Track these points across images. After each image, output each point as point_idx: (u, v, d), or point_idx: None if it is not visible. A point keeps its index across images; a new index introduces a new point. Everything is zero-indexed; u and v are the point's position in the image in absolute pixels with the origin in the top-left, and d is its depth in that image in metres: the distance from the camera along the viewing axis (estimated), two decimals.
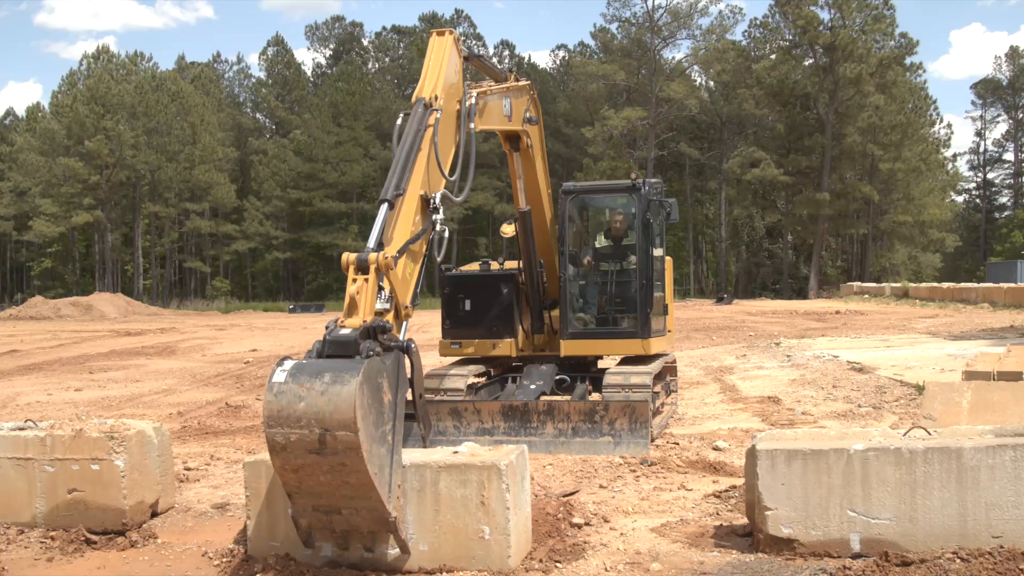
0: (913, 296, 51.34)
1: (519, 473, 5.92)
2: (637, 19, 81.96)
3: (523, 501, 5.99)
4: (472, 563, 5.68)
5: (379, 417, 5.50)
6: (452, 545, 5.70)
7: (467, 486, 5.71)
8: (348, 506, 5.51)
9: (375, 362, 5.51)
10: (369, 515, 5.54)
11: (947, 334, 24.41)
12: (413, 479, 5.77)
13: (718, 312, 44.85)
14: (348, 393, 5.17)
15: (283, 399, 5.27)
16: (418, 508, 5.75)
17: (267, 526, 6.01)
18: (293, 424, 5.23)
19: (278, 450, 5.32)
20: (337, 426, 5.15)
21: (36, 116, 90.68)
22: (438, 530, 5.72)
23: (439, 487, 5.75)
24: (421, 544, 5.72)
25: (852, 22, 73.38)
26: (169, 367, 21.50)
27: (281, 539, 5.93)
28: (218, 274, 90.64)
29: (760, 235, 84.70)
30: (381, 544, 5.72)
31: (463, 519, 5.69)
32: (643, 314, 10.95)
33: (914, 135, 76.51)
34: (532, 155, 11.07)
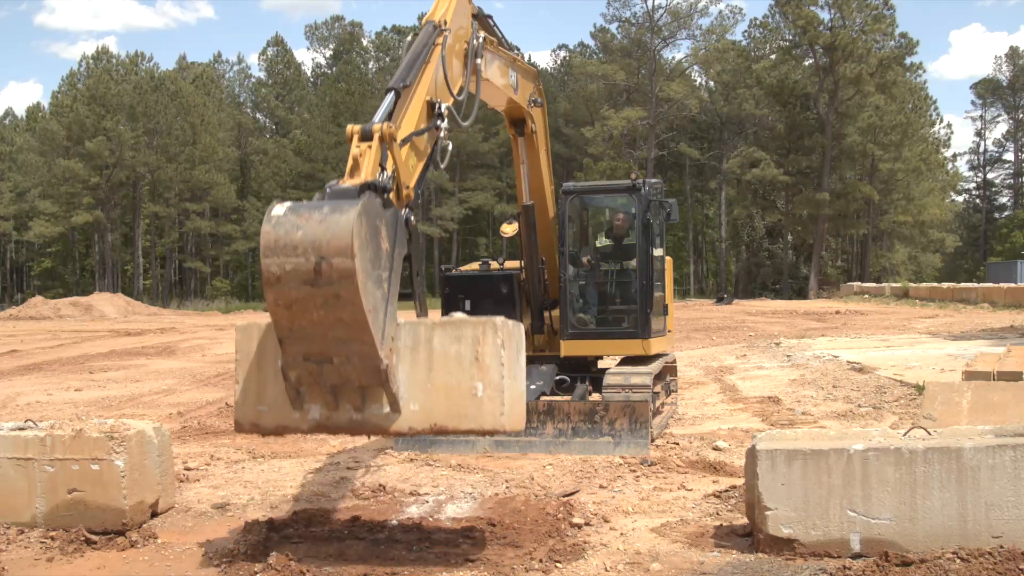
0: (913, 296, 51.33)
1: (515, 340, 5.73)
2: (637, 19, 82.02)
3: (518, 372, 5.74)
4: (464, 421, 5.49)
5: (376, 256, 5.39)
6: (444, 404, 5.50)
7: (461, 342, 5.53)
8: (340, 352, 5.36)
9: (375, 202, 5.45)
10: (361, 363, 5.38)
11: (947, 334, 24.41)
12: (407, 337, 5.60)
13: (718, 312, 44.84)
14: (346, 221, 5.09)
15: (280, 229, 5.19)
16: (411, 366, 5.56)
17: (255, 391, 5.82)
18: (290, 253, 5.14)
19: (273, 282, 5.21)
20: (334, 253, 5.05)
21: (36, 116, 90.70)
22: (430, 389, 5.53)
23: (433, 344, 5.56)
24: (412, 403, 5.54)
25: (852, 22, 73.35)
26: (169, 367, 21.50)
27: (269, 403, 5.75)
28: (218, 274, 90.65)
29: (760, 235, 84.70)
30: (371, 403, 5.57)
31: (456, 376, 5.50)
32: (643, 314, 10.95)
33: (914, 135, 76.51)
34: (536, 143, 11.05)
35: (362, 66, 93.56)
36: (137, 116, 78.61)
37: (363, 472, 9.14)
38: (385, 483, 8.50)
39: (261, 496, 8.26)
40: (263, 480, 8.96)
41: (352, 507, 7.74)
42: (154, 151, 79.13)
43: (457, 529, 6.95)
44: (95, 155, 75.68)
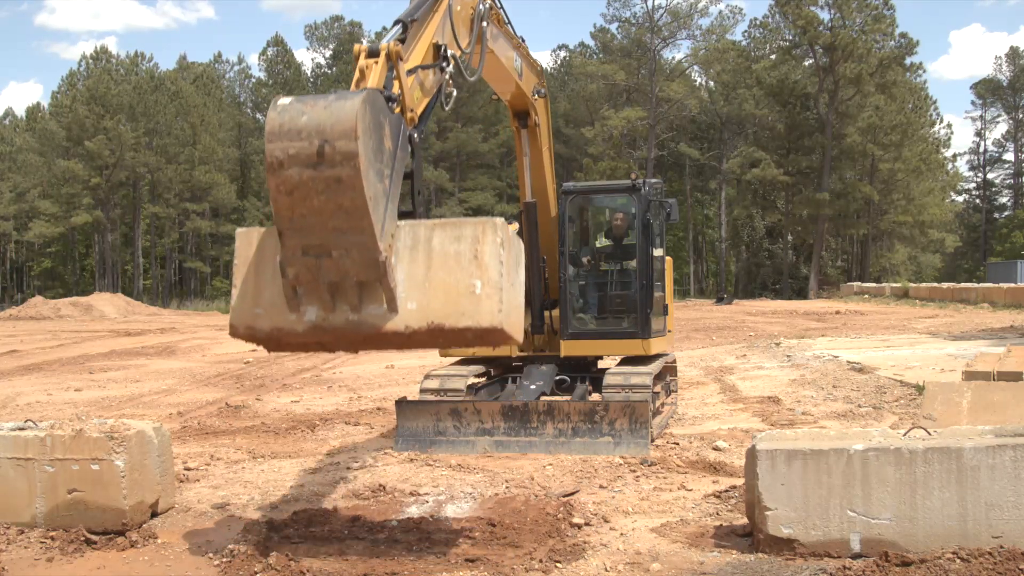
0: (913, 296, 51.35)
1: (515, 247, 5.75)
2: (637, 19, 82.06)
3: (516, 279, 5.75)
4: (462, 319, 5.42)
5: (379, 149, 5.40)
6: (442, 301, 5.46)
7: (461, 242, 5.52)
8: (339, 244, 5.35)
9: (379, 97, 5.47)
10: (359, 256, 5.37)
11: (947, 334, 24.41)
12: (406, 237, 5.60)
13: (718, 312, 44.85)
14: (351, 107, 5.13)
15: (286, 115, 5.22)
16: (409, 265, 5.55)
17: (252, 294, 5.80)
18: (293, 137, 5.16)
19: (276, 167, 5.23)
20: (337, 136, 5.08)
21: (36, 117, 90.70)
22: (428, 287, 5.49)
23: (432, 243, 5.56)
24: (409, 302, 5.49)
25: (852, 22, 73.36)
26: (169, 367, 21.50)
27: (265, 306, 5.72)
28: (218, 274, 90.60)
29: (760, 235, 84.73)
30: (368, 303, 5.53)
31: (455, 275, 5.47)
32: (643, 314, 10.95)
33: (914, 135, 76.51)
34: (539, 137, 11.06)
35: None
36: (137, 116, 78.61)
37: (363, 472, 9.14)
38: (385, 483, 8.50)
39: (261, 496, 8.26)
40: (263, 480, 8.96)
41: (352, 507, 7.74)
42: (154, 151, 79.14)
43: (457, 529, 6.95)
44: (95, 155, 75.68)
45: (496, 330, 5.42)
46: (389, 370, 19.56)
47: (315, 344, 5.81)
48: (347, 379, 18.12)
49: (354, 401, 14.78)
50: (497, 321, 5.38)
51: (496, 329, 5.41)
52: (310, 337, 5.65)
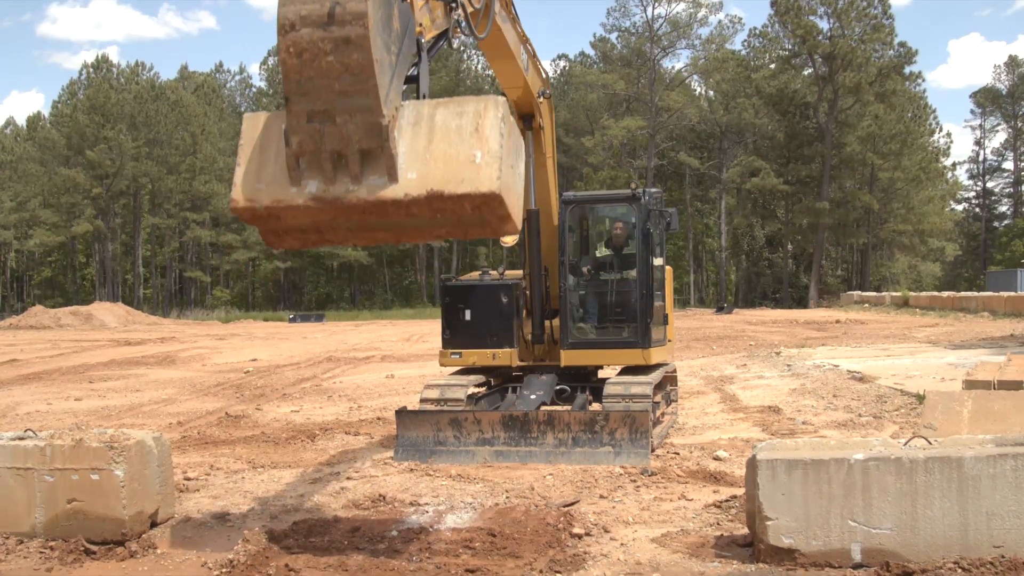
0: (913, 305, 51.34)
1: (516, 135, 5.86)
2: (637, 29, 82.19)
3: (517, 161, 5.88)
4: (461, 185, 5.45)
5: (387, 24, 5.51)
6: (442, 170, 5.52)
7: (463, 117, 5.61)
8: (343, 109, 5.44)
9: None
10: (363, 121, 5.44)
11: (947, 343, 24.40)
12: (409, 114, 5.69)
13: (718, 321, 44.84)
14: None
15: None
16: (411, 140, 5.62)
17: (255, 171, 5.86)
18: (306, 0, 5.30)
19: (287, 29, 5.33)
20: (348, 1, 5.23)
21: (36, 126, 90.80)
22: (429, 158, 5.57)
23: (435, 119, 5.65)
24: (410, 172, 5.55)
25: (851, 31, 73.49)
26: (169, 377, 21.50)
27: (267, 181, 5.79)
28: (218, 284, 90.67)
29: (760, 244, 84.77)
30: (369, 174, 5.60)
31: (456, 147, 5.55)
32: (643, 324, 10.95)
33: (913, 144, 76.59)
34: (543, 141, 11.09)
35: None
36: (138, 126, 78.71)
37: (363, 482, 9.13)
38: (385, 493, 8.48)
39: (261, 506, 8.25)
40: (263, 490, 8.95)
41: (352, 517, 7.73)
42: (155, 161, 79.22)
43: (457, 540, 6.93)
44: (96, 164, 75.78)
45: (494, 196, 5.45)
46: (389, 380, 19.55)
47: (312, 226, 5.86)
48: (347, 389, 18.11)
49: (354, 411, 14.76)
50: (496, 187, 5.42)
51: (494, 195, 5.44)
52: (309, 213, 5.71)
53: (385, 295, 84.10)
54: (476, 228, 5.74)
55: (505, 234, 5.89)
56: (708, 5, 79.81)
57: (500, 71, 9.76)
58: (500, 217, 5.60)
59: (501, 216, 5.59)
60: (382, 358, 25.67)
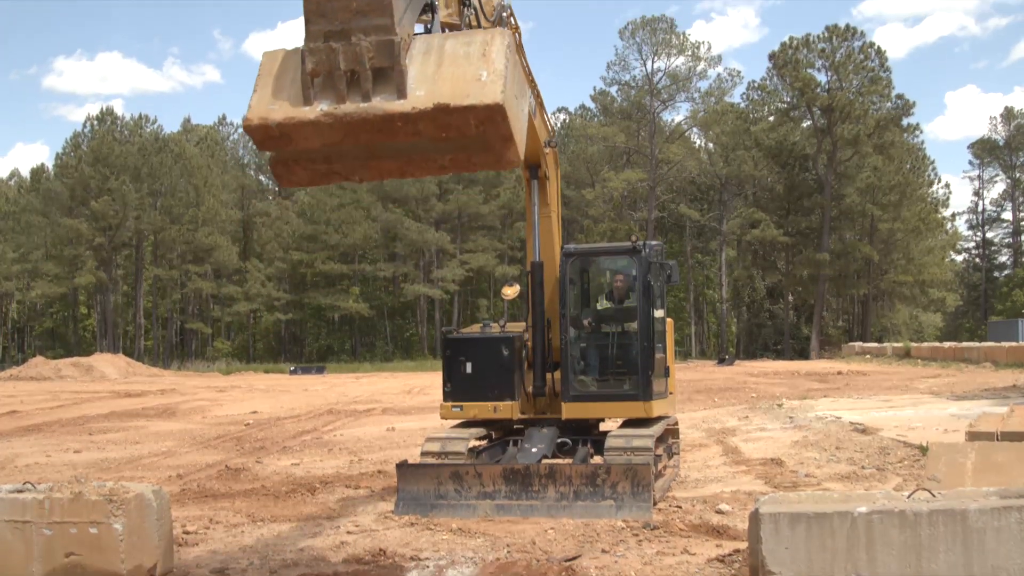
0: (915, 356, 51.25)
1: (520, 74, 6.20)
2: (636, 82, 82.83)
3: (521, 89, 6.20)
4: (466, 99, 5.66)
5: None
6: (449, 87, 5.74)
7: (471, 45, 5.89)
8: (359, 28, 5.69)
9: None
10: (377, 39, 5.70)
11: (950, 394, 24.34)
12: (420, 44, 5.98)
13: (720, 373, 44.74)
14: None
15: None
16: (421, 65, 5.87)
17: (270, 95, 6.06)
18: None
19: None
20: None
21: (40, 178, 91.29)
22: (437, 78, 5.80)
23: (444, 48, 5.93)
24: (418, 90, 5.77)
25: (849, 84, 74.13)
26: (169, 429, 21.42)
27: (280, 102, 5.99)
28: (219, 335, 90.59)
29: (761, 296, 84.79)
30: (379, 92, 5.79)
31: (463, 68, 5.79)
32: (645, 376, 10.94)
33: (912, 195, 76.92)
34: (548, 192, 11.18)
35: None
36: (142, 177, 79.15)
37: (363, 536, 9.07)
38: (386, 547, 8.43)
39: (260, 560, 8.19)
40: (262, 544, 8.88)
41: (353, 572, 7.67)
42: (158, 212, 79.57)
43: None
44: (99, 215, 76.10)
45: (498, 108, 5.64)
46: (390, 432, 19.47)
47: (321, 152, 6.10)
48: (348, 442, 18.04)
49: (355, 464, 14.70)
50: (499, 99, 5.63)
51: (498, 106, 5.63)
52: (319, 131, 5.91)
53: (386, 347, 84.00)
54: (480, 153, 5.95)
55: (507, 162, 6.07)
56: (707, 59, 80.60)
57: None
58: (503, 137, 5.81)
59: (504, 136, 5.80)
60: (383, 411, 25.59)
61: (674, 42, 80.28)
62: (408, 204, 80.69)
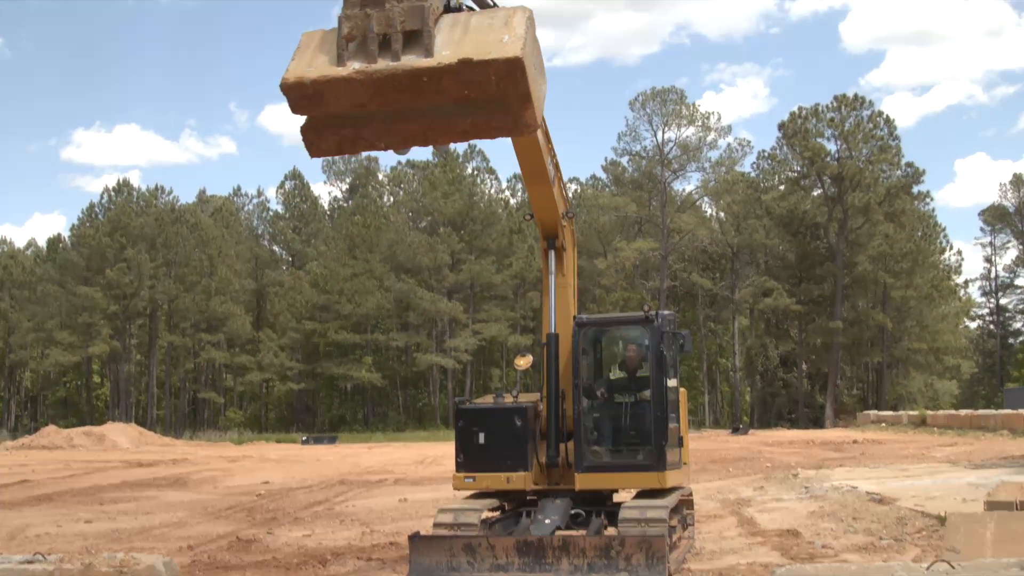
0: (931, 424, 50.84)
1: (538, 50, 6.54)
2: (647, 153, 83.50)
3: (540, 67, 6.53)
4: (488, 54, 6.07)
5: None
6: (473, 47, 6.15)
7: (495, 18, 6.38)
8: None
9: None
10: (408, 5, 6.21)
11: (967, 463, 24.11)
12: (447, 19, 6.44)
13: (734, 443, 44.41)
14: None
15: None
16: (448, 34, 6.31)
17: (307, 60, 6.49)
18: None
19: None
20: None
21: (57, 247, 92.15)
22: (463, 42, 6.23)
23: (470, 21, 6.41)
24: (444, 50, 6.20)
25: (859, 153, 74.64)
26: (181, 499, 21.32)
27: (316, 65, 6.42)
28: (232, 404, 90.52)
29: (774, 364, 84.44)
30: (409, 53, 6.21)
31: (487, 35, 6.23)
32: (658, 446, 10.89)
33: (925, 262, 76.96)
34: (565, 261, 11.27)
35: (377, 200, 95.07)
36: (157, 247, 79.82)
37: None
38: None
39: None
40: None
41: None
42: (172, 281, 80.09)
43: None
44: (114, 284, 76.61)
45: (517, 62, 6.04)
46: (402, 503, 19.34)
47: (349, 116, 6.49)
48: (360, 513, 17.92)
49: (367, 535, 14.59)
50: (520, 52, 6.04)
51: (517, 60, 6.04)
52: (350, 88, 6.31)
53: (399, 417, 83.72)
54: (499, 115, 6.31)
55: (524, 125, 6.42)
56: (717, 129, 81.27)
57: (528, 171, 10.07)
58: (520, 96, 6.18)
59: (521, 94, 6.18)
60: (395, 481, 25.45)
61: (684, 113, 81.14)
62: (421, 274, 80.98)
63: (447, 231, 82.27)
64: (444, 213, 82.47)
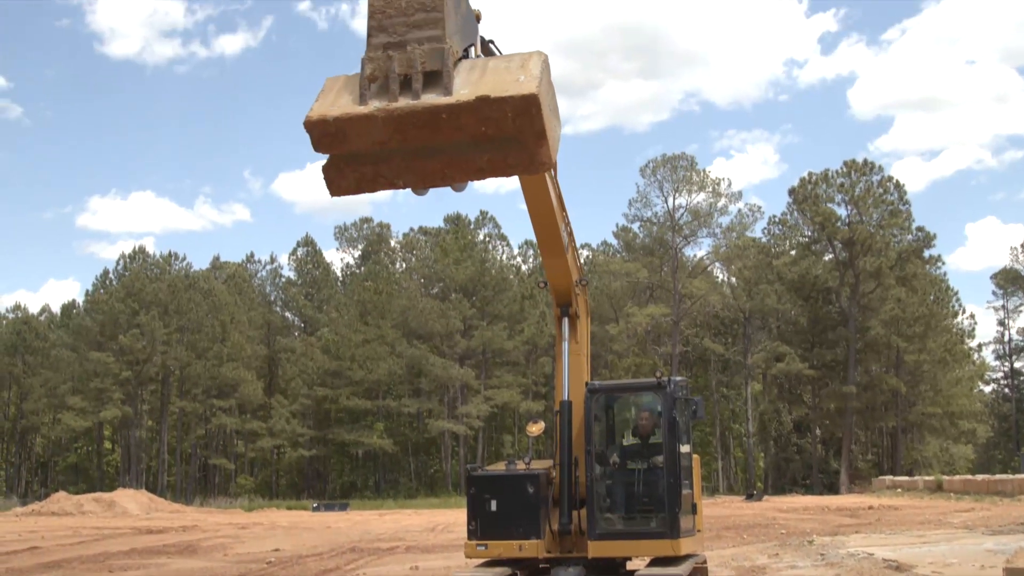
0: (947, 489, 50.34)
1: (553, 92, 6.69)
2: (658, 219, 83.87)
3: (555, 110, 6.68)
4: (505, 92, 6.20)
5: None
6: (490, 86, 6.29)
7: (511, 61, 6.54)
8: (414, 39, 6.45)
9: None
10: (429, 47, 6.41)
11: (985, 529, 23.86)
12: (466, 63, 6.63)
13: (748, 509, 44.01)
14: None
15: None
16: (466, 75, 6.47)
17: (331, 101, 6.65)
18: None
19: None
20: None
21: (71, 313, 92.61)
22: (480, 82, 6.37)
23: (488, 64, 6.59)
24: (463, 89, 6.35)
25: (869, 218, 74.88)
26: (190, 567, 21.21)
27: (339, 104, 6.58)
28: (243, 471, 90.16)
29: (788, 429, 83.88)
30: (428, 92, 6.37)
31: (503, 75, 6.37)
32: (672, 513, 10.85)
33: (938, 326, 76.72)
34: (578, 328, 11.33)
35: (389, 266, 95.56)
36: (170, 313, 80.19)
37: None
38: None
39: None
40: None
41: None
42: (184, 347, 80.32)
43: None
44: (127, 349, 76.85)
45: (533, 99, 6.17)
46: (414, 571, 19.21)
47: (370, 153, 6.62)
48: None
49: None
50: (535, 90, 6.19)
51: (533, 97, 6.18)
52: (372, 126, 6.46)
53: (410, 483, 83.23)
54: (515, 152, 6.43)
55: (540, 163, 6.53)
56: (727, 195, 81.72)
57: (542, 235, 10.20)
58: (536, 133, 6.31)
59: (537, 131, 6.30)
60: (407, 548, 25.28)
61: (695, 179, 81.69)
62: (433, 340, 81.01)
63: (459, 297, 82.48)
64: (456, 279, 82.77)
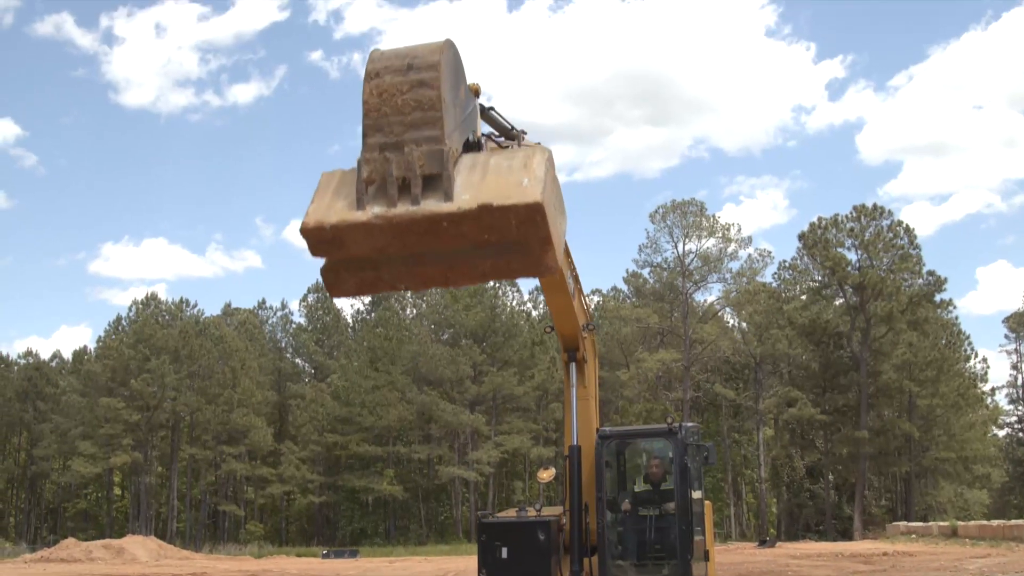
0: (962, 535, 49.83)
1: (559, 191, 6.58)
2: (668, 264, 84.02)
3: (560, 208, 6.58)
4: (508, 200, 5.99)
5: (456, 80, 6.48)
6: (493, 191, 6.06)
7: (514, 159, 6.31)
8: (411, 139, 6.21)
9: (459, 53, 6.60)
10: (428, 149, 6.18)
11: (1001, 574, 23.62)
12: (466, 160, 6.42)
13: (761, 556, 43.61)
14: (437, 43, 6.32)
15: (386, 49, 6.44)
16: (467, 176, 6.24)
17: (326, 204, 6.43)
18: (390, 58, 6.34)
19: (372, 76, 6.30)
20: (425, 54, 6.27)
21: (82, 359, 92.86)
22: (482, 186, 6.15)
23: (488, 162, 6.36)
24: (464, 194, 6.11)
25: (879, 262, 74.82)
26: None
27: (336, 209, 6.37)
28: (252, 517, 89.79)
29: (800, 475, 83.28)
30: (428, 197, 6.13)
31: (506, 177, 6.16)
32: (684, 560, 10.84)
33: (950, 370, 76.32)
34: (586, 373, 11.38)
35: (400, 312, 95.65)
36: (180, 359, 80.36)
37: None
38: None
39: None
40: None
41: None
42: (194, 393, 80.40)
43: None
44: (137, 395, 76.95)
45: (537, 207, 5.97)
46: None
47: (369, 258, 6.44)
48: None
49: None
50: (539, 198, 5.99)
51: (537, 205, 5.97)
52: (371, 233, 6.27)
53: (420, 530, 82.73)
54: (519, 258, 6.23)
55: (545, 267, 6.34)
56: (737, 240, 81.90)
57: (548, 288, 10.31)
58: (541, 240, 6.11)
59: (542, 238, 6.10)
60: None
61: (704, 224, 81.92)
62: (443, 386, 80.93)
63: (469, 343, 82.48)
64: (466, 325, 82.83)
